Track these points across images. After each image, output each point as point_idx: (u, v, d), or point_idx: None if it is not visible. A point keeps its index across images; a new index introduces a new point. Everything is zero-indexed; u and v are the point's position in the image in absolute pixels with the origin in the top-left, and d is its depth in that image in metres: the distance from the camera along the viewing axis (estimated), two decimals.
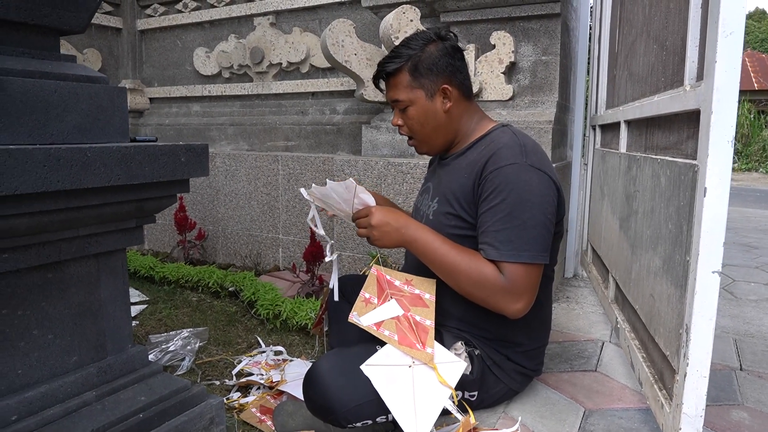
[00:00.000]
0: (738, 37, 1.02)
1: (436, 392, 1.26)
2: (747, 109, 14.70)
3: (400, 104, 1.48)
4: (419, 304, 1.35)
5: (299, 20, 3.42)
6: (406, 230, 1.38)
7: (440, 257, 1.34)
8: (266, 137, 3.54)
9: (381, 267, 1.43)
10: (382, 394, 1.25)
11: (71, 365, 1.21)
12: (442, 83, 1.44)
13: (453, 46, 1.48)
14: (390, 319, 1.34)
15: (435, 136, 1.50)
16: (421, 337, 1.31)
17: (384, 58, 1.48)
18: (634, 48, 2.04)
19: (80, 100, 1.16)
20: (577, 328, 2.20)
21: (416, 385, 1.26)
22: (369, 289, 1.40)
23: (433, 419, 1.24)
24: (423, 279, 1.40)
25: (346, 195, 1.42)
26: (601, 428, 1.45)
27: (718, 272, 1.11)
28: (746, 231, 4.87)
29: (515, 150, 1.34)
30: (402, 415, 1.24)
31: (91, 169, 1.06)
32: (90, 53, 3.83)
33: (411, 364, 1.29)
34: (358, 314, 1.35)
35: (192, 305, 2.83)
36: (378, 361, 1.30)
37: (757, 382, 1.76)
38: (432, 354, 1.30)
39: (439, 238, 1.36)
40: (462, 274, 1.32)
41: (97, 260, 1.25)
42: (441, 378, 1.27)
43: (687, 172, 1.21)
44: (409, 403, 1.25)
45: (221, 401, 1.39)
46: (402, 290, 1.38)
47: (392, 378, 1.28)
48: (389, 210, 1.41)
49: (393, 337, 1.31)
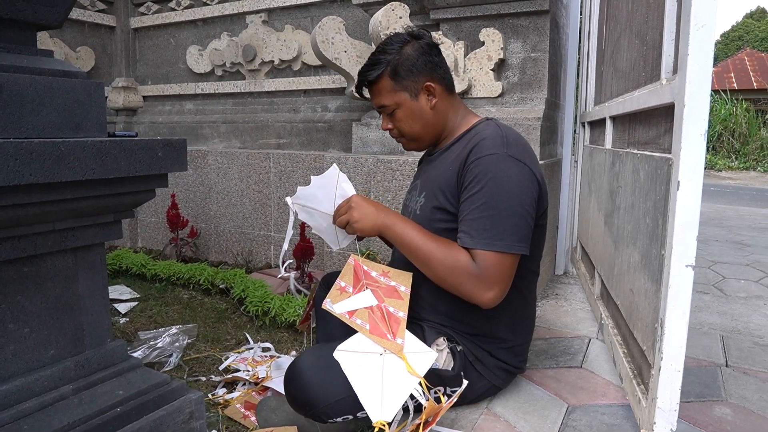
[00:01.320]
0: (709, 30, 1.02)
1: (404, 381, 1.26)
2: (745, 108, 14.69)
3: (387, 109, 1.49)
4: (394, 296, 1.36)
5: (291, 18, 3.42)
6: (384, 213, 1.40)
7: (415, 243, 1.35)
8: (258, 135, 3.55)
9: (359, 257, 1.43)
10: (351, 379, 1.26)
11: (48, 359, 1.21)
12: (425, 81, 1.45)
13: (428, 44, 1.48)
14: (363, 309, 1.34)
15: (424, 133, 1.51)
16: (393, 328, 1.31)
17: (363, 67, 1.49)
18: (619, 44, 2.04)
19: (56, 95, 1.16)
20: (565, 325, 2.20)
21: (385, 372, 1.27)
22: (345, 278, 1.40)
23: (397, 406, 1.24)
24: (400, 272, 1.41)
25: (329, 189, 1.43)
26: (583, 424, 1.45)
27: (691, 266, 1.11)
28: (740, 229, 4.88)
29: (497, 141, 1.35)
30: (368, 401, 1.25)
31: (65, 162, 1.06)
32: (83, 51, 3.84)
33: (382, 352, 1.30)
34: (332, 302, 1.36)
35: (183, 302, 2.83)
36: (350, 347, 1.31)
37: (742, 379, 1.76)
38: (402, 345, 1.30)
39: (415, 227, 1.38)
40: (435, 260, 1.32)
41: (75, 254, 1.25)
42: (410, 368, 1.27)
43: (663, 166, 1.22)
44: (376, 390, 1.25)
45: (201, 396, 1.39)
46: (378, 281, 1.38)
47: (362, 364, 1.29)
48: (367, 197, 1.43)
49: (365, 327, 1.31)
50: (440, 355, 1.44)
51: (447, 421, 1.45)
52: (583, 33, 2.97)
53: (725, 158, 13.76)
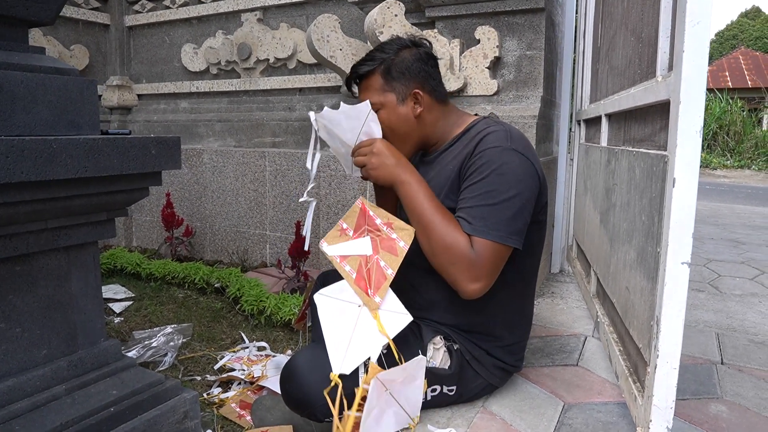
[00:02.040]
0: (705, 27, 1.02)
1: (373, 338, 1.25)
2: (740, 106, 14.74)
3: (372, 107, 1.47)
4: (390, 250, 1.32)
5: (286, 16, 3.41)
6: (404, 169, 1.38)
7: (423, 208, 1.33)
8: (253, 133, 3.53)
9: (367, 201, 1.41)
10: (323, 324, 1.26)
11: (40, 359, 1.20)
12: (414, 88, 1.44)
13: (427, 53, 1.48)
14: (356, 256, 1.32)
15: (405, 140, 1.48)
16: (377, 283, 1.29)
17: (358, 61, 1.47)
18: (614, 41, 2.04)
19: (48, 92, 1.15)
20: (561, 323, 2.20)
21: (358, 326, 1.26)
22: (348, 220, 1.38)
23: (359, 362, 1.24)
24: (404, 225, 1.36)
25: (356, 122, 1.41)
26: (579, 422, 1.45)
27: (687, 263, 1.10)
28: (735, 227, 4.89)
29: (501, 135, 1.35)
30: (333, 349, 1.25)
31: (57, 160, 1.05)
32: (77, 49, 3.81)
33: (360, 304, 1.29)
34: (327, 243, 1.35)
35: (178, 301, 2.82)
36: (331, 292, 1.31)
37: (737, 376, 1.76)
38: (378, 303, 1.28)
39: (428, 193, 1.36)
40: (436, 233, 1.31)
41: (68, 253, 1.24)
42: (380, 326, 1.25)
43: (658, 163, 1.21)
44: (344, 340, 1.25)
45: (196, 395, 1.39)
46: (380, 230, 1.35)
47: (339, 312, 1.28)
48: (392, 145, 1.41)
49: (351, 275, 1.30)
50: (437, 354, 1.44)
51: (443, 419, 1.45)
52: (578, 31, 2.97)
53: (720, 156, 13.81)
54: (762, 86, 16.60)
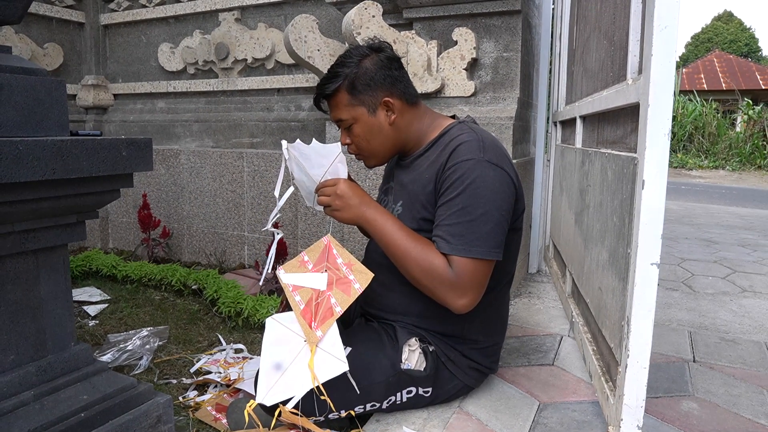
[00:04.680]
0: (672, 31, 1.03)
1: (303, 379, 1.25)
2: (714, 108, 15.01)
3: (344, 123, 1.46)
4: (344, 290, 1.33)
5: (264, 16, 3.39)
6: (367, 207, 1.38)
7: (395, 241, 1.34)
8: (231, 134, 3.51)
9: (333, 240, 1.41)
10: (264, 348, 1.27)
11: (8, 364, 1.18)
12: (383, 97, 1.43)
13: (389, 57, 1.46)
14: (309, 288, 1.33)
15: (383, 149, 1.49)
16: (323, 318, 1.30)
17: (321, 80, 1.45)
18: (588, 44, 2.06)
19: (15, 92, 1.13)
20: (537, 323, 2.22)
21: (297, 360, 1.27)
22: (311, 254, 1.39)
23: (281, 398, 1.25)
24: (363, 269, 1.38)
25: (324, 160, 1.41)
26: (554, 421, 1.46)
27: (656, 264, 1.12)
28: (709, 227, 4.98)
29: (473, 145, 1.34)
30: (264, 376, 1.26)
31: (24, 162, 1.03)
32: (51, 48, 3.74)
33: (306, 339, 1.29)
34: (285, 270, 1.35)
35: (154, 304, 2.79)
36: (283, 320, 1.32)
37: (708, 374, 1.80)
38: (319, 338, 1.28)
39: (396, 223, 1.37)
40: (412, 261, 1.32)
41: (36, 256, 1.21)
42: (311, 362, 1.26)
43: (629, 165, 1.23)
44: (278, 371, 1.26)
45: (169, 399, 1.37)
46: (339, 269, 1.36)
47: (285, 341, 1.29)
48: (356, 185, 1.41)
49: (300, 305, 1.30)
50: (412, 356, 1.44)
51: (419, 420, 1.45)
52: (555, 33, 3.00)
53: (695, 157, 14.05)
54: (735, 88, 16.92)
